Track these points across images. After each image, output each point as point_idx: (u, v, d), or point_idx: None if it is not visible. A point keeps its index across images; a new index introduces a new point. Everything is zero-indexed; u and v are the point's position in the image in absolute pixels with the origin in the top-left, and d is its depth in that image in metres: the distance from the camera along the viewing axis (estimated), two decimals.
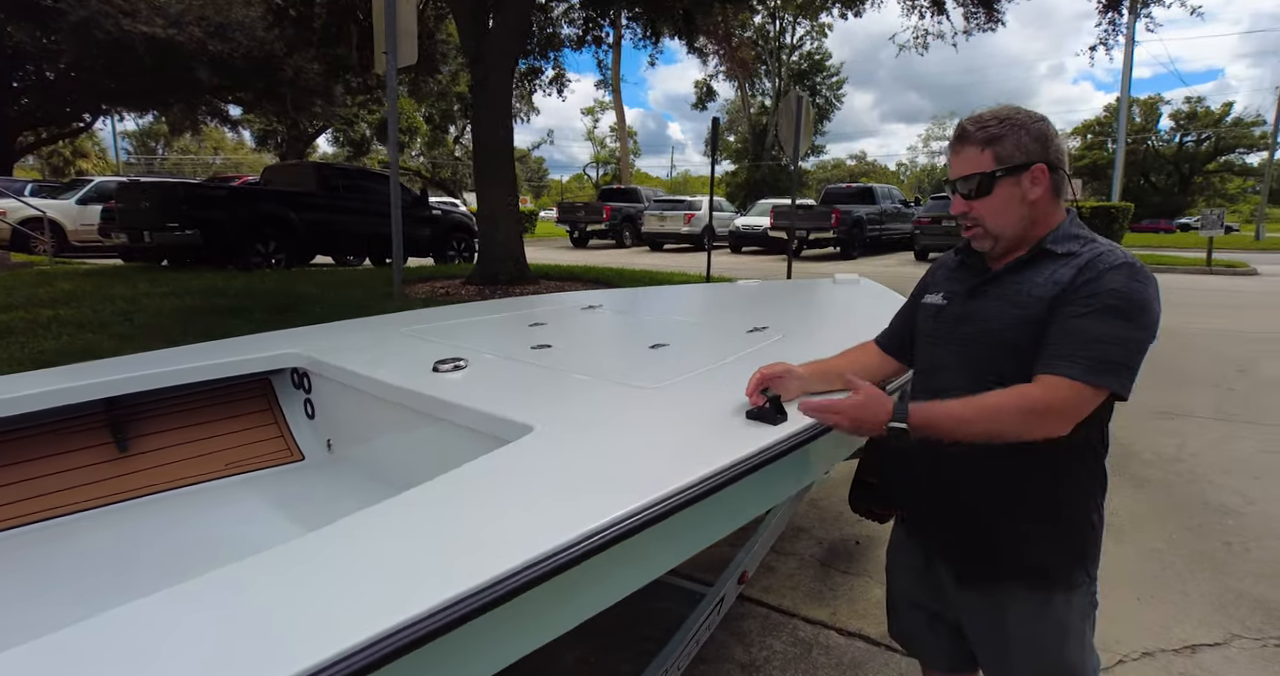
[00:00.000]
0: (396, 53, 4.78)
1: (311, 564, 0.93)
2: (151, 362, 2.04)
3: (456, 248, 14.23)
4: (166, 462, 2.01)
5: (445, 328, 2.52)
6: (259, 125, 26.61)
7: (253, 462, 2.11)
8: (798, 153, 9.11)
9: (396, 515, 1.05)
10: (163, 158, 53.98)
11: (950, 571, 1.38)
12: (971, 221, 1.29)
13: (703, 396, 1.60)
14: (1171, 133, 53.53)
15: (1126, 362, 1.14)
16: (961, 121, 1.30)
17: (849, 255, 17.75)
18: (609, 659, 2.25)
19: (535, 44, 13.55)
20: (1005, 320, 1.24)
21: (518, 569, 0.89)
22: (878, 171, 63.70)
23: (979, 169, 1.25)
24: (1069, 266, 1.21)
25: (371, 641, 0.75)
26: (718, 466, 1.19)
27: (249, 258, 10.40)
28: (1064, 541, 1.28)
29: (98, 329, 5.77)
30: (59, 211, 13.90)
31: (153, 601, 0.82)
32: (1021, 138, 1.23)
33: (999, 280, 1.29)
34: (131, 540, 1.73)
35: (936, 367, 1.37)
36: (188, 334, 5.49)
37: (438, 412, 1.66)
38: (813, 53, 43.82)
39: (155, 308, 6.72)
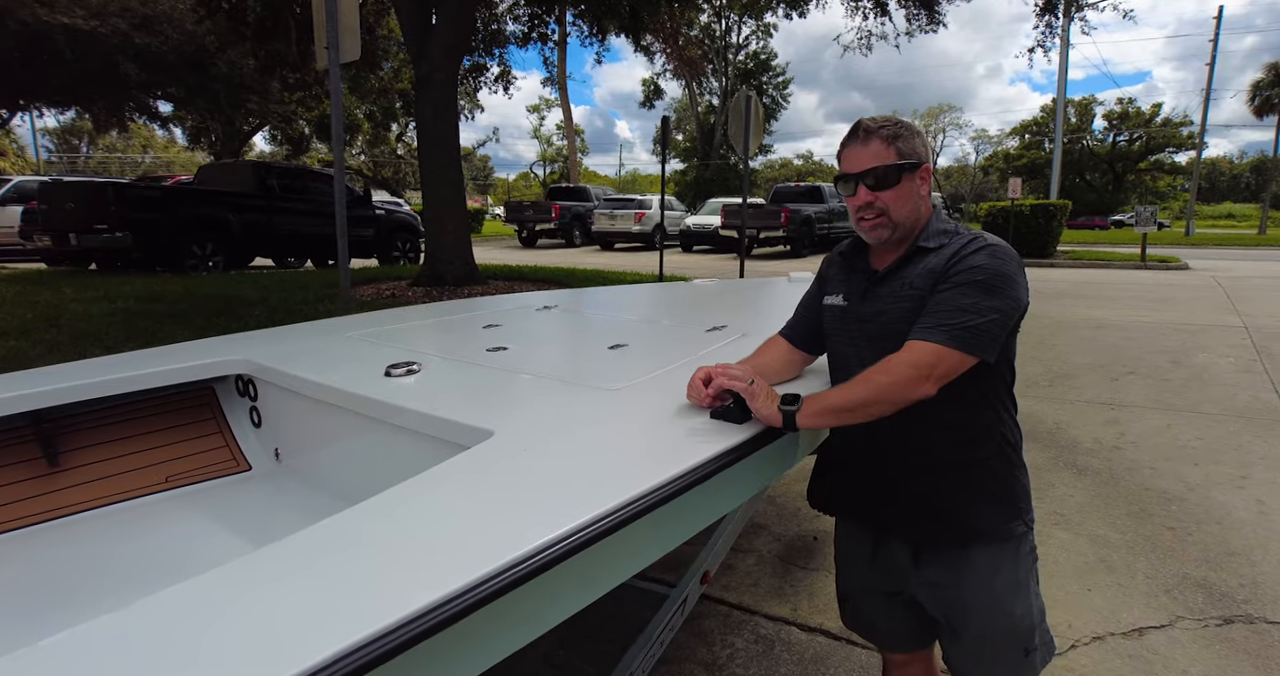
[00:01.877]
0: (339, 48, 4.64)
1: (260, 582, 0.87)
2: (84, 372, 1.92)
3: (401, 248, 13.99)
4: (102, 477, 1.90)
5: (396, 331, 2.45)
6: (191, 122, 25.58)
7: (196, 475, 2.01)
8: (748, 151, 9.18)
9: (354, 526, 1.00)
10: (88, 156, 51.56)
11: (903, 548, 1.46)
12: (876, 212, 1.39)
13: (666, 397, 1.58)
14: (1105, 132, 55.95)
15: (987, 330, 1.27)
16: (861, 120, 1.41)
17: (799, 254, 18.00)
18: (573, 659, 2.23)
19: (480, 40, 13.38)
20: (895, 314, 1.37)
21: (481, 580, 0.85)
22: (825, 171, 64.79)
23: (887, 161, 1.37)
24: (940, 257, 1.36)
25: (319, 666, 0.70)
26: (685, 467, 1.18)
27: (184, 261, 10.04)
28: (994, 498, 1.38)
29: (21, 336, 5.46)
30: None
31: (84, 631, 0.76)
32: (914, 140, 1.39)
33: (885, 279, 1.42)
34: (63, 561, 1.62)
35: (850, 363, 1.46)
36: (121, 341, 5.24)
37: (392, 418, 1.60)
38: (759, 52, 44.36)
39: (84, 313, 6.40)
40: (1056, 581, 2.69)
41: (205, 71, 18.10)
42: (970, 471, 1.38)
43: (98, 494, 1.87)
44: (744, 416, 1.40)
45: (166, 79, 18.53)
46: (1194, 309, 9.31)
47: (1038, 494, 3.52)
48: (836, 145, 1.49)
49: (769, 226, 17.84)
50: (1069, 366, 6.18)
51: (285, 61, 12.42)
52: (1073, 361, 6.36)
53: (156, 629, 0.78)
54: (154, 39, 16.55)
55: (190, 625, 0.79)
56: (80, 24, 15.25)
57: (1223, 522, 3.17)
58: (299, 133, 28.03)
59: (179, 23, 16.77)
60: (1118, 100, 55.24)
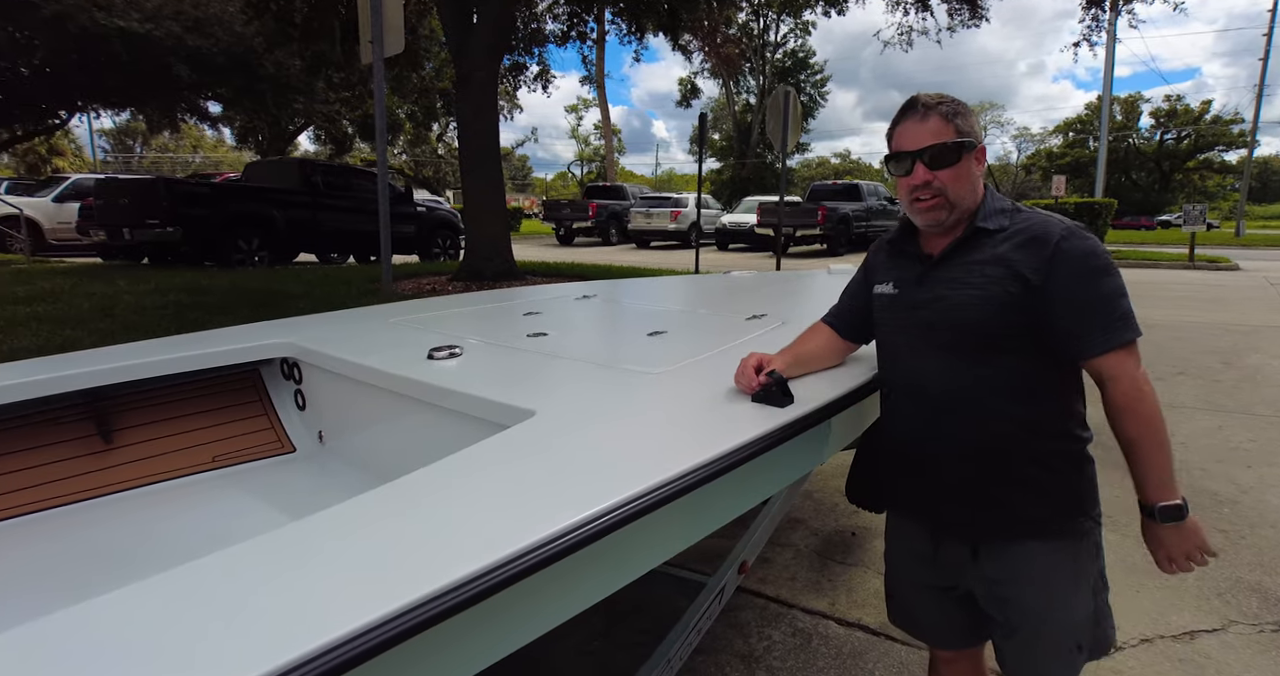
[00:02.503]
0: (383, 42, 4.71)
1: (300, 552, 0.88)
2: (136, 353, 1.98)
3: (442, 245, 14.17)
4: (152, 455, 1.96)
5: (438, 317, 2.48)
6: (239, 122, 26.23)
7: (242, 455, 2.07)
8: (786, 148, 9.10)
9: (394, 501, 1.01)
10: (141, 156, 53.27)
11: (964, 545, 1.39)
12: (934, 192, 1.32)
13: (706, 381, 1.57)
14: (1152, 130, 54.27)
15: (1130, 308, 1.26)
16: (919, 95, 1.35)
17: (835, 252, 17.82)
18: (608, 647, 2.23)
19: (519, 40, 13.48)
20: (961, 300, 1.30)
21: (516, 555, 0.85)
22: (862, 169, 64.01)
23: (947, 138, 1.30)
24: (1012, 242, 1.29)
25: (358, 632, 0.71)
26: (725, 449, 1.17)
27: (231, 255, 10.30)
28: (1057, 493, 1.33)
29: (77, 325, 5.66)
30: (35, 209, 13.67)
31: (132, 591, 0.78)
32: (970, 118, 1.33)
33: (945, 263, 1.35)
34: (116, 534, 1.68)
35: (899, 354, 1.43)
36: (171, 331, 5.40)
37: (435, 399, 1.62)
38: (796, 50, 43.96)
39: (137, 305, 6.61)
40: None
41: (253, 72, 18.54)
42: (1033, 465, 1.32)
43: (148, 471, 1.93)
44: (785, 400, 1.39)
45: (216, 80, 19.02)
46: (1245, 310, 8.99)
47: None
48: (875, 144, 1.43)
49: (805, 224, 17.68)
50: None
51: (330, 62, 12.67)
52: None
53: (199, 591, 0.79)
54: (205, 41, 17.01)
55: (233, 589, 0.80)
56: (135, 27, 15.74)
57: (1278, 526, 3.05)
58: (342, 132, 28.54)
59: (229, 25, 17.21)
60: (1166, 97, 53.54)
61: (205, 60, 17.23)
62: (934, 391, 1.35)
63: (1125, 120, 53.56)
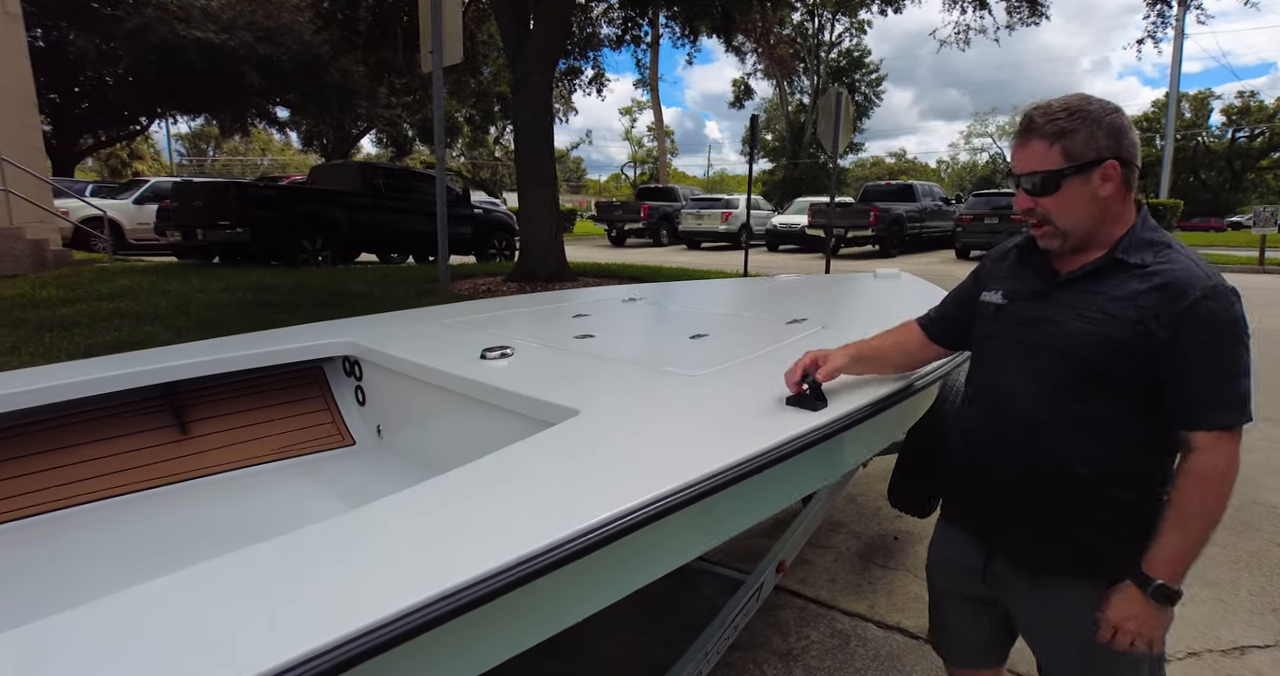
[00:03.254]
0: (443, 51, 4.88)
1: (359, 535, 0.96)
2: (210, 350, 2.13)
3: (498, 246, 14.40)
4: (223, 445, 2.09)
5: (491, 318, 2.58)
6: (305, 126, 27.22)
7: (305, 447, 2.19)
8: (837, 149, 9.03)
9: (444, 492, 1.09)
10: (213, 159, 55.57)
11: (1020, 569, 1.34)
12: (1038, 218, 1.24)
13: (743, 383, 1.62)
14: (1223, 128, 51.55)
15: (1248, 389, 1.15)
16: (1029, 112, 1.22)
17: (888, 253, 17.53)
18: (647, 642, 2.29)
19: (575, 44, 13.66)
20: (1073, 332, 1.21)
21: (562, 541, 0.92)
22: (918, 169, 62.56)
23: (1046, 166, 1.19)
24: (1148, 284, 1.16)
25: (405, 612, 0.77)
26: (757, 450, 1.21)
27: (296, 255, 10.66)
28: (1130, 540, 1.24)
29: (154, 321, 5.99)
30: (117, 211, 14.39)
31: (201, 568, 0.87)
32: (1094, 132, 1.17)
33: (1068, 287, 1.25)
34: (190, 519, 1.80)
35: (991, 366, 1.36)
36: (239, 328, 5.67)
37: (486, 398, 1.71)
38: (852, 50, 43.32)
39: (208, 302, 6.95)
40: None
41: (319, 78, 19.26)
42: (1106, 510, 1.23)
43: (220, 460, 2.06)
44: (818, 404, 1.43)
45: (285, 86, 19.82)
46: None
47: None
48: (931, 143, 1.41)
49: (857, 225, 17.43)
50: None
51: (392, 68, 13.05)
52: None
53: (263, 569, 0.88)
54: (275, 50, 17.75)
55: (299, 566, 0.88)
56: (212, 38, 16.53)
57: None
58: (403, 135, 29.34)
59: (298, 34, 17.91)
60: (1238, 94, 50.46)
61: (275, 67, 17.97)
62: (1017, 414, 1.29)
63: (1194, 118, 51.06)
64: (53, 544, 1.66)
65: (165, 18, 16.42)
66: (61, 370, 1.93)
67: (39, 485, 1.81)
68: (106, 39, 16.93)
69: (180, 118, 25.09)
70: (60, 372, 1.88)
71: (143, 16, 16.27)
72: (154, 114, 22.49)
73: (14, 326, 5.67)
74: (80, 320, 5.92)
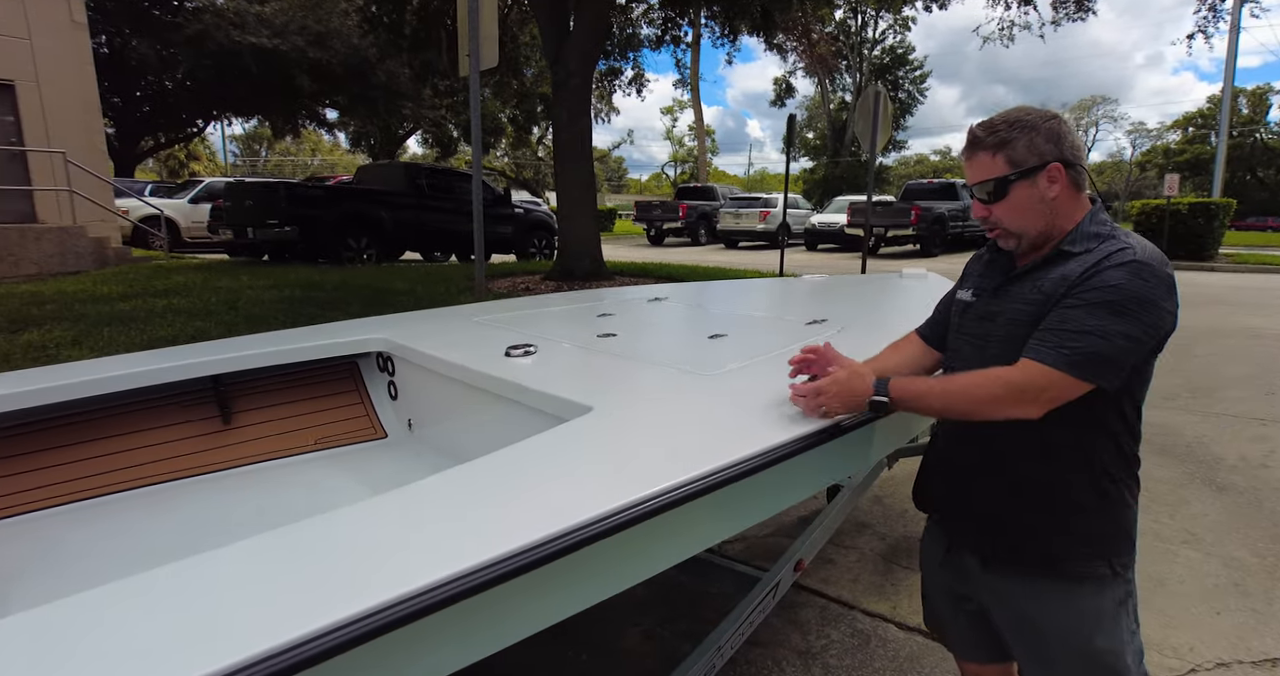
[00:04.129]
0: (479, 56, 4.99)
1: (388, 517, 1.03)
2: (252, 344, 2.23)
3: (537, 244, 14.57)
4: (263, 436, 2.18)
5: (518, 317, 2.65)
6: (353, 127, 27.86)
7: (340, 439, 2.28)
8: (875, 148, 8.94)
9: (460, 481, 1.16)
10: (265, 159, 57.17)
11: (974, 558, 1.39)
12: (992, 224, 1.31)
13: (755, 383, 1.65)
14: None
15: (1111, 357, 1.15)
16: (972, 127, 1.31)
17: (929, 253, 17.23)
18: (671, 634, 2.33)
19: (615, 45, 13.74)
20: (1016, 316, 1.27)
21: (567, 531, 0.97)
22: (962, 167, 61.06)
23: (992, 174, 1.27)
24: (1079, 262, 1.22)
25: (420, 591, 0.83)
26: (764, 446, 1.25)
27: (342, 253, 10.93)
28: (1073, 532, 1.26)
29: (205, 317, 6.23)
30: (174, 210, 14.97)
31: (242, 546, 0.94)
32: (1034, 139, 1.24)
33: (1020, 279, 1.31)
34: (234, 503, 1.90)
35: (955, 360, 1.42)
36: (286, 324, 5.87)
37: (508, 394, 1.77)
38: (895, 46, 42.61)
39: (257, 299, 7.19)
40: (1180, 602, 2.52)
41: (367, 81, 19.71)
42: (1051, 497, 1.27)
43: (260, 450, 2.15)
44: None
45: (333, 89, 20.33)
46: None
47: (1169, 509, 3.28)
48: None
49: (898, 224, 17.16)
50: (1217, 378, 5.65)
51: (436, 70, 13.31)
52: (1222, 373, 5.81)
53: (300, 547, 0.95)
54: (325, 53, 18.22)
55: (332, 543, 0.95)
56: (265, 43, 17.06)
57: None
58: (447, 136, 29.82)
59: (346, 38, 18.36)
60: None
61: (324, 71, 18.45)
62: None
63: (1251, 114, 48.92)
64: (107, 525, 1.76)
65: (222, 24, 17.01)
66: (117, 362, 2.04)
67: (96, 469, 1.92)
68: (166, 45, 17.60)
69: (234, 120, 25.96)
70: (116, 364, 2.00)
71: (201, 23, 16.88)
72: (210, 116, 23.28)
73: (76, 320, 5.96)
74: (137, 315, 6.19)
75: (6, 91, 10.14)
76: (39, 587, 1.48)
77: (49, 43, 10.45)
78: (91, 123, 11.29)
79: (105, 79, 14.12)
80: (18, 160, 10.22)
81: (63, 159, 10.27)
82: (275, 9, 18.90)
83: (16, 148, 10.17)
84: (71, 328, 5.69)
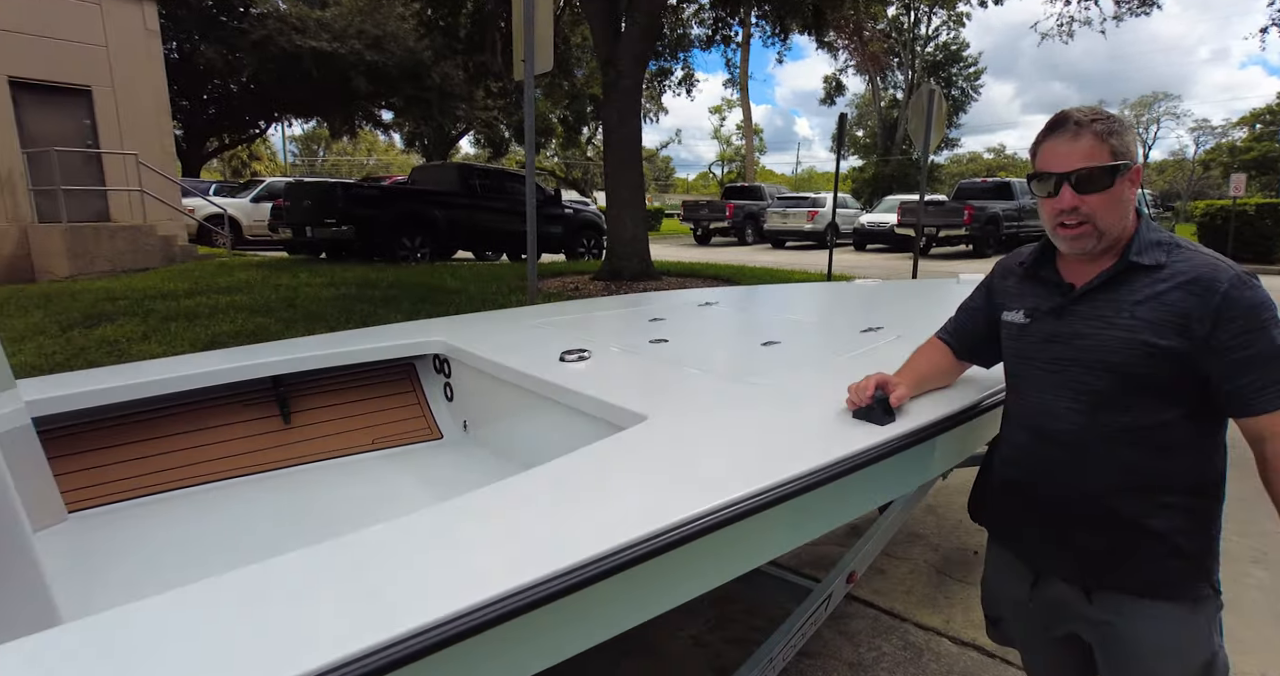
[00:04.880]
0: (534, 60, 5.04)
1: (449, 526, 1.05)
2: (312, 346, 2.29)
3: (586, 244, 14.66)
4: (323, 435, 2.24)
5: (572, 321, 2.67)
6: (408, 128, 28.42)
7: (397, 439, 2.33)
8: (927, 147, 8.76)
9: (522, 490, 1.17)
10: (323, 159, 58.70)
11: (1072, 588, 1.32)
12: (1080, 218, 1.21)
13: (810, 394, 1.64)
14: None
15: None
16: (1070, 111, 1.23)
17: (982, 253, 16.78)
18: (720, 641, 2.33)
19: (665, 45, 13.73)
20: (1107, 342, 1.20)
21: (628, 545, 0.97)
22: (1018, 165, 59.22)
23: (1099, 161, 1.18)
24: (1170, 284, 1.17)
25: (485, 603, 0.84)
26: (821, 463, 1.24)
27: (396, 252, 11.16)
28: (1178, 555, 1.22)
29: (265, 313, 6.44)
30: (236, 209, 15.49)
31: (309, 552, 0.96)
32: (1127, 137, 1.20)
33: (1088, 298, 1.25)
34: (293, 502, 1.96)
35: (1028, 387, 1.34)
36: (342, 321, 6.04)
37: (562, 399, 1.79)
38: (949, 43, 41.56)
39: (314, 296, 7.40)
40: (1249, 623, 2.41)
41: (421, 83, 20.12)
42: (1157, 521, 1.21)
43: (319, 449, 2.21)
44: (886, 418, 1.43)
45: (389, 91, 20.79)
46: None
47: (1238, 526, 3.13)
48: (1031, 138, 1.30)
49: (950, 224, 16.75)
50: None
51: (490, 72, 13.49)
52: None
53: (367, 553, 0.97)
54: (381, 56, 18.66)
55: (394, 552, 0.97)
56: (324, 47, 17.55)
57: None
58: (500, 137, 30.20)
59: (402, 41, 18.76)
60: None
61: (381, 73, 18.88)
62: (1055, 431, 1.27)
63: None
64: (177, 519, 1.84)
65: (285, 29, 17.56)
66: (183, 362, 2.12)
67: (166, 465, 2.00)
68: (233, 50, 18.26)
69: (294, 121, 26.75)
70: (182, 364, 2.08)
71: (265, 28, 17.46)
72: (271, 118, 24.03)
73: (145, 316, 6.23)
74: (201, 311, 6.44)
75: (84, 97, 10.64)
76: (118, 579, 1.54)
77: (124, 50, 10.94)
78: (162, 125, 11.77)
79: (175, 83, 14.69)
80: (93, 162, 10.73)
81: (135, 160, 10.73)
82: (335, 13, 19.43)
83: (93, 150, 10.66)
84: (141, 323, 5.94)
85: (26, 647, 0.76)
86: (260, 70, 18.11)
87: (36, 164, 10.01)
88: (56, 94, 10.38)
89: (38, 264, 9.92)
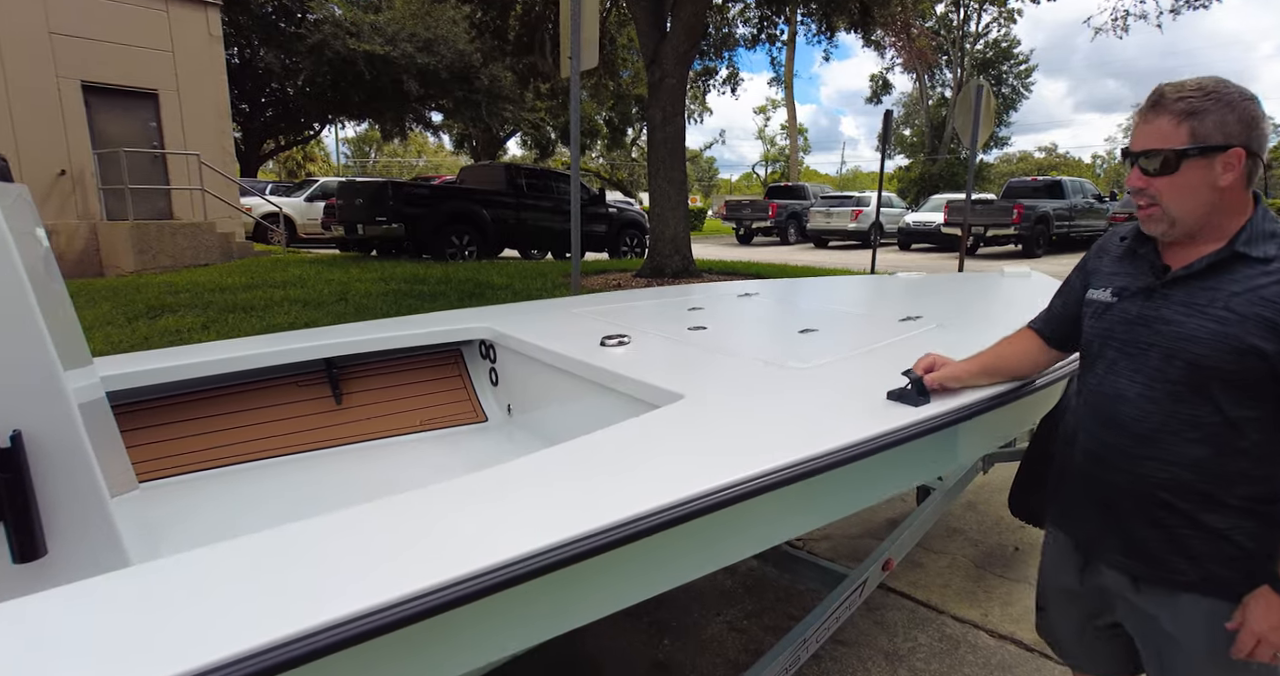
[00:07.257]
0: (580, 58, 5.13)
1: (488, 493, 1.10)
2: (363, 331, 2.39)
3: (629, 243, 14.73)
4: (372, 417, 2.33)
5: (613, 309, 2.73)
6: (457, 130, 28.91)
7: (443, 421, 2.41)
8: (975, 145, 8.60)
9: (559, 460, 1.23)
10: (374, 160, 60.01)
11: (1121, 576, 1.29)
12: (1148, 199, 1.16)
13: (844, 378, 1.66)
14: None
15: None
16: (1161, 86, 1.15)
17: (1031, 253, 16.31)
18: (756, 626, 2.36)
19: (710, 45, 13.74)
20: (1194, 331, 1.14)
21: (656, 510, 1.01)
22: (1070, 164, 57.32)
23: (1168, 144, 1.12)
24: (1271, 278, 1.10)
25: (515, 559, 0.88)
26: (851, 440, 1.26)
27: (445, 249, 11.38)
28: (1248, 552, 1.18)
29: (318, 307, 6.66)
30: (291, 208, 15.95)
31: (356, 511, 1.03)
32: (1225, 116, 1.10)
33: (1184, 284, 1.18)
34: (345, 478, 2.04)
35: (1101, 367, 1.29)
36: (392, 313, 6.20)
37: (603, 381, 1.85)
38: (999, 40, 40.52)
39: (365, 291, 7.61)
40: None
41: (471, 85, 20.47)
42: (1223, 519, 1.16)
43: (369, 430, 2.30)
44: (921, 399, 1.45)
45: (440, 93, 21.20)
46: None
47: None
48: (1084, 136, 1.37)
49: (999, 224, 16.33)
50: None
51: (538, 72, 13.67)
52: None
53: (402, 516, 1.03)
54: (432, 59, 19.04)
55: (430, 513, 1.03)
56: (378, 50, 17.97)
57: None
58: (546, 138, 30.53)
59: (453, 44, 19.12)
60: None
61: (431, 76, 19.26)
62: (1127, 417, 1.22)
63: None
64: (237, 491, 1.94)
65: (340, 33, 18.05)
66: (242, 344, 2.23)
67: (226, 441, 2.11)
68: (290, 54, 18.83)
69: (347, 123, 27.43)
70: (241, 346, 2.18)
71: (321, 33, 17.97)
72: (325, 120, 24.70)
73: (205, 308, 6.50)
74: (257, 304, 6.69)
75: (150, 100, 11.12)
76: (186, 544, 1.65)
77: (189, 55, 11.39)
78: (223, 127, 12.22)
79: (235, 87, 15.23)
80: (158, 162, 11.20)
81: (197, 161, 11.17)
82: (388, 17, 19.89)
83: (158, 150, 11.13)
84: (201, 314, 6.21)
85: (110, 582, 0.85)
86: (316, 74, 18.64)
87: (106, 164, 10.49)
88: (125, 97, 10.86)
89: (105, 259, 10.39)
